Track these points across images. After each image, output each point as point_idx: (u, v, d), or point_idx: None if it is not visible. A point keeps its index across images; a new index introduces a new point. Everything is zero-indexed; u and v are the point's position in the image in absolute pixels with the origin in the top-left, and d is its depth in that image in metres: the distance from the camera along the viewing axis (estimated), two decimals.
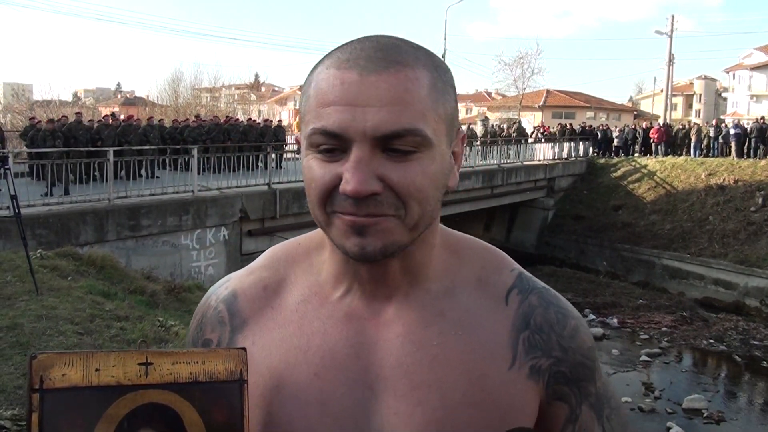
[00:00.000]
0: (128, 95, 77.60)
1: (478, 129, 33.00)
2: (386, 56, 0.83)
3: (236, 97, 58.00)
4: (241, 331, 0.98)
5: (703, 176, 24.10)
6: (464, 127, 33.34)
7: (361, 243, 0.83)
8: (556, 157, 27.55)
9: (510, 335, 0.94)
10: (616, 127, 33.28)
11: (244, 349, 0.87)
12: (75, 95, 65.04)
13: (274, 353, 0.94)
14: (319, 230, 0.98)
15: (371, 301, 0.94)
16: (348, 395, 0.90)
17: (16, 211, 7.72)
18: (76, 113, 19.65)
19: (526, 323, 0.96)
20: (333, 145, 0.82)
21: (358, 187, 0.80)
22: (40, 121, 17.75)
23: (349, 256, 0.86)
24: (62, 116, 18.83)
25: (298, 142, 0.92)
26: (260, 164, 17.05)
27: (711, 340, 16.07)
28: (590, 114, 53.47)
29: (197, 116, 23.80)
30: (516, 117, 46.74)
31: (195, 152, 14.24)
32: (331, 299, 0.96)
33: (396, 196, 0.82)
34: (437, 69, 0.87)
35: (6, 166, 7.81)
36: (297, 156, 16.65)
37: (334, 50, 0.88)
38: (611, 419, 1.02)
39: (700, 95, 71.16)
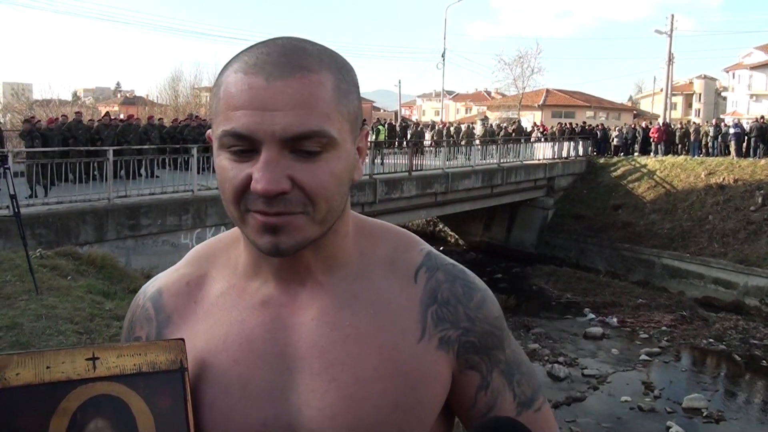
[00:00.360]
0: (128, 95, 77.62)
1: (478, 128, 33.01)
2: (291, 61, 0.87)
3: None
4: (167, 326, 1.04)
5: (702, 175, 24.10)
6: (464, 126, 33.35)
7: (274, 241, 0.89)
8: (555, 157, 27.53)
9: (419, 310, 1.00)
10: (615, 127, 33.25)
11: (182, 339, 0.95)
12: (75, 95, 65.05)
13: (198, 344, 0.99)
14: (237, 227, 1.04)
15: (286, 289, 0.99)
16: (266, 378, 0.96)
17: (16, 210, 7.71)
18: (76, 113, 19.66)
19: (434, 298, 1.01)
20: (243, 146, 0.86)
21: (268, 186, 0.84)
22: (39, 121, 17.74)
23: (263, 252, 0.91)
24: (62, 115, 18.84)
25: (209, 139, 0.96)
26: None
27: (711, 340, 16.08)
28: (590, 113, 53.50)
29: (190, 116, 23.79)
30: (516, 116, 46.76)
31: (195, 152, 14.22)
32: (248, 290, 1.01)
33: (304, 195, 0.87)
34: (340, 70, 0.92)
35: (5, 166, 7.81)
36: None
37: (241, 53, 0.91)
38: (521, 384, 1.06)
39: (700, 95, 71.19)
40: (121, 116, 21.61)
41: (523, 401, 1.06)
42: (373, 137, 24.22)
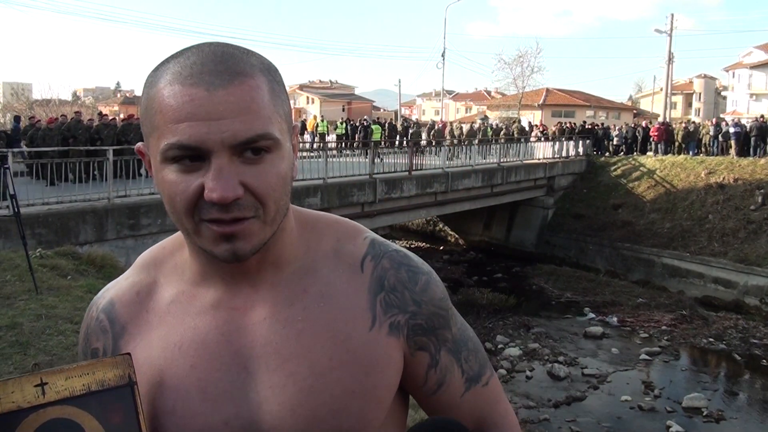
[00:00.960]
0: (128, 94, 77.70)
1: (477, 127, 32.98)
2: (228, 68, 0.88)
3: None
4: (122, 337, 1.04)
5: (702, 175, 24.09)
6: (467, 126, 33.34)
7: (232, 248, 0.90)
8: (555, 156, 27.53)
9: (368, 299, 1.03)
10: (615, 126, 33.25)
11: (129, 354, 0.94)
12: (75, 94, 65.12)
13: (154, 353, 1.00)
14: (180, 232, 1.05)
15: (236, 291, 1.01)
16: (224, 379, 0.97)
17: (16, 210, 7.72)
18: (76, 112, 19.67)
19: (381, 285, 1.04)
20: (191, 156, 0.87)
21: (224, 193, 0.85)
22: (39, 120, 17.76)
23: (220, 259, 0.92)
24: (61, 115, 18.85)
25: (140, 153, 0.98)
26: None
27: (711, 339, 16.08)
28: (590, 113, 53.50)
29: None
30: (516, 116, 46.76)
31: None
32: (198, 295, 1.02)
33: (255, 198, 0.89)
34: (270, 72, 0.93)
35: (5, 165, 7.81)
36: (300, 155, 16.49)
37: (167, 63, 0.91)
38: (469, 360, 1.12)
39: (700, 94, 71.24)
40: (121, 116, 21.59)
41: (471, 376, 1.12)
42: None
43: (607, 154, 29.93)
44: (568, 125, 32.17)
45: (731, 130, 26.35)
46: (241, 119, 0.86)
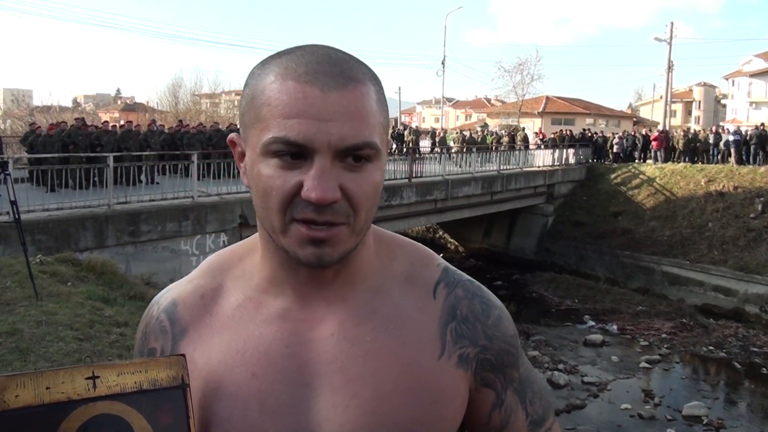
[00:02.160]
0: (128, 101, 77.71)
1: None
2: (342, 72, 0.88)
3: (236, 103, 57.91)
4: (183, 338, 1.02)
5: (702, 183, 24.11)
6: (467, 133, 33.37)
7: (318, 252, 0.89)
8: (555, 164, 27.55)
9: (438, 327, 1.01)
10: (614, 134, 33.27)
11: (183, 355, 0.92)
12: (75, 101, 65.17)
13: (214, 357, 0.98)
14: (253, 235, 1.06)
15: (305, 302, 0.99)
16: (285, 392, 0.95)
17: (16, 216, 7.72)
18: (76, 119, 19.69)
19: (453, 315, 1.02)
20: (293, 153, 0.86)
21: (324, 194, 0.84)
22: (40, 127, 17.78)
23: (303, 263, 0.91)
24: (62, 121, 18.86)
25: (231, 143, 0.98)
26: None
27: (711, 347, 16.06)
28: (590, 120, 53.52)
29: (180, 122, 23.88)
30: (515, 123, 46.79)
31: (195, 158, 14.24)
32: (265, 303, 1.00)
33: (349, 205, 0.88)
34: (376, 82, 0.93)
35: (6, 172, 7.82)
36: None
37: (278, 58, 0.91)
38: (534, 402, 1.09)
39: (700, 102, 71.31)
40: (121, 122, 21.63)
41: (535, 420, 1.09)
42: None
43: (607, 161, 29.94)
44: (567, 133, 32.18)
45: (731, 138, 26.37)
46: (350, 124, 0.86)
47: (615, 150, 30.04)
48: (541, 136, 33.07)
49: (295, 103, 0.85)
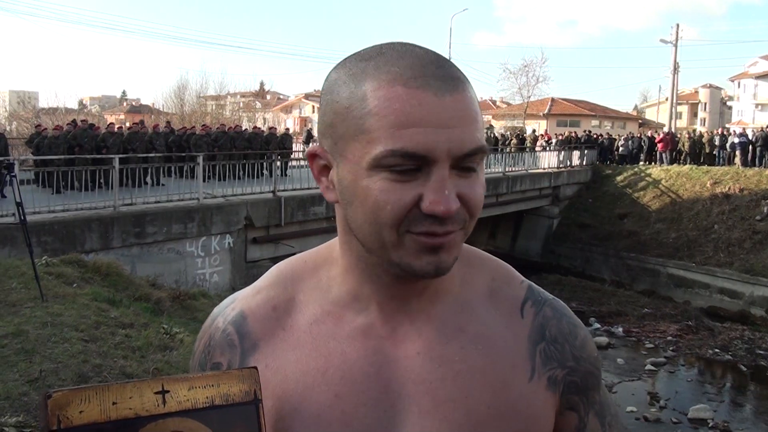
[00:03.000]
0: (134, 103, 77.90)
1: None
2: (448, 74, 0.83)
3: (241, 104, 58.11)
4: (253, 354, 0.95)
5: (708, 185, 24.06)
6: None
7: (436, 260, 0.84)
8: (560, 166, 27.52)
9: (527, 347, 0.96)
10: (620, 135, 33.24)
11: (256, 368, 0.86)
12: (81, 103, 65.32)
13: (290, 376, 0.92)
14: (325, 246, 1.01)
15: (389, 319, 0.93)
16: (370, 415, 0.89)
17: (22, 218, 7.74)
18: (82, 120, 19.74)
19: (542, 335, 0.98)
20: (410, 166, 0.81)
21: (448, 206, 0.80)
22: (45, 129, 17.83)
23: (417, 274, 0.85)
24: (67, 123, 18.89)
25: (313, 155, 0.91)
26: (265, 172, 17.08)
27: (716, 350, 16.01)
28: (595, 122, 53.52)
29: (184, 127, 23.93)
30: (521, 125, 46.78)
31: (200, 160, 14.26)
32: (346, 318, 0.95)
33: (466, 211, 0.84)
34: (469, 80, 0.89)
35: (12, 174, 7.84)
36: (305, 164, 16.49)
37: (370, 61, 0.85)
38: (612, 426, 1.05)
39: (705, 104, 71.19)
40: (127, 124, 21.69)
41: None
42: None
43: (612, 163, 29.90)
44: (573, 134, 32.17)
45: (737, 140, 26.32)
46: (466, 129, 0.81)
47: (620, 152, 30.00)
48: (546, 138, 33.04)
49: (410, 110, 0.79)
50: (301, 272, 1.01)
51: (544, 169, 26.83)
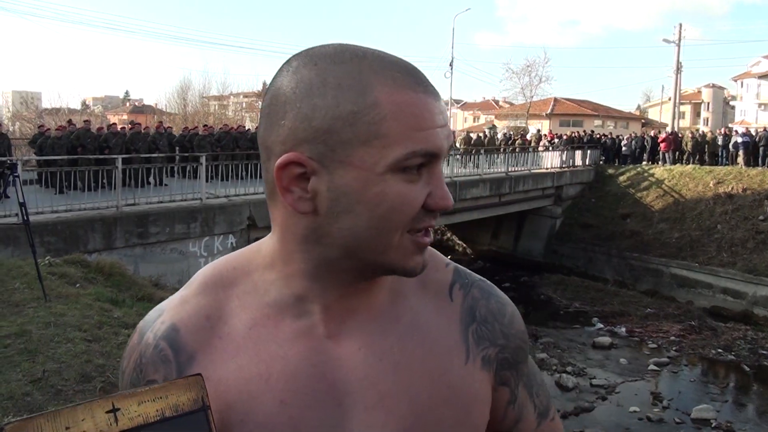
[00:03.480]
0: (137, 103, 77.97)
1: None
2: (427, 79, 0.87)
3: (244, 105, 58.15)
4: (190, 367, 0.92)
5: (711, 185, 24.02)
6: (474, 135, 33.35)
7: (423, 260, 0.88)
8: (563, 166, 27.51)
9: (460, 330, 0.98)
10: (623, 135, 33.21)
11: (200, 374, 0.84)
12: (84, 103, 65.38)
13: (232, 385, 0.89)
14: (248, 249, 0.98)
15: (332, 317, 0.92)
16: (318, 417, 0.89)
17: (25, 218, 7.75)
18: (85, 121, 19.76)
19: (473, 316, 1.00)
20: (419, 165, 0.84)
21: (451, 199, 0.86)
22: (49, 129, 17.85)
23: (408, 274, 0.89)
24: (70, 123, 18.90)
25: (294, 163, 0.85)
26: None
27: (719, 350, 15.99)
28: (598, 122, 53.45)
29: (186, 128, 23.95)
30: (524, 125, 46.76)
31: (203, 160, 14.27)
32: (285, 321, 0.92)
33: None
34: None
35: (15, 174, 7.85)
36: None
37: (366, 65, 0.84)
38: (539, 395, 1.09)
39: (708, 103, 71.13)
40: (129, 124, 21.71)
41: (542, 411, 1.09)
42: None
43: (615, 163, 29.88)
44: (575, 134, 32.15)
45: (740, 139, 26.29)
46: (448, 129, 0.87)
47: (623, 152, 29.98)
48: (549, 138, 33.02)
49: (425, 114, 0.83)
50: (232, 278, 0.97)
51: (546, 169, 26.81)
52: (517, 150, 27.42)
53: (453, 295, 1.01)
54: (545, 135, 35.08)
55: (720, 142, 27.45)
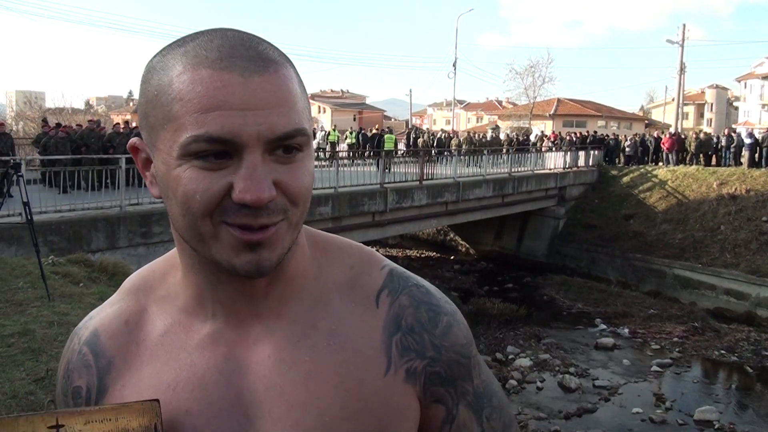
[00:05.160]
0: None
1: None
2: (260, 54, 0.78)
3: None
4: (109, 373, 0.91)
5: (714, 186, 24.00)
6: (476, 136, 33.35)
7: (256, 259, 0.79)
8: (567, 166, 27.49)
9: (383, 339, 0.91)
10: (626, 136, 33.19)
11: (157, 400, 0.83)
12: (87, 103, 65.50)
13: (144, 393, 0.87)
14: (173, 250, 0.95)
15: (238, 322, 0.89)
16: (223, 427, 0.85)
17: (29, 217, 7.76)
18: (89, 121, 19.78)
19: (398, 325, 0.92)
20: (218, 152, 0.76)
21: (259, 194, 0.75)
22: (52, 129, 17.87)
23: (239, 273, 0.80)
24: (77, 124, 18.94)
25: (134, 149, 0.86)
26: None
27: (722, 351, 15.98)
28: (601, 123, 53.45)
29: None
30: (527, 126, 46.75)
31: None
32: (195, 326, 0.90)
33: (286, 199, 0.79)
34: (292, 63, 0.83)
35: (19, 173, 7.86)
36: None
37: (181, 46, 0.80)
38: (492, 418, 0.98)
39: (712, 104, 71.07)
40: (134, 124, 21.73)
41: None
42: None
43: (618, 164, 29.86)
44: (578, 135, 32.13)
45: (743, 140, 26.25)
46: (278, 111, 0.76)
47: (627, 152, 29.97)
48: (552, 138, 33.00)
49: (214, 93, 0.74)
50: (152, 280, 0.96)
51: (550, 169, 26.81)
52: (516, 147, 27.36)
53: (379, 301, 0.93)
54: (548, 136, 35.06)
55: (723, 143, 27.43)
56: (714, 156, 27.86)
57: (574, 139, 31.26)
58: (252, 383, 0.87)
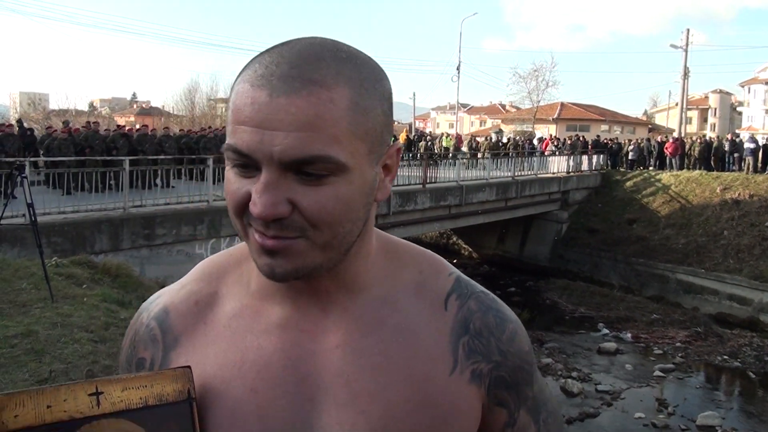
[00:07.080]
0: (144, 105, 78.17)
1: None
2: (301, 74, 0.78)
3: None
4: (174, 349, 0.95)
5: (718, 190, 23.97)
6: (482, 139, 33.34)
7: (271, 264, 0.83)
8: (570, 170, 27.48)
9: (450, 340, 0.94)
10: (629, 141, 33.17)
11: (189, 367, 0.87)
12: (91, 105, 65.56)
13: (208, 370, 0.91)
14: None
15: (306, 312, 0.92)
16: (287, 408, 0.88)
17: (32, 218, 7.78)
18: (94, 122, 19.83)
19: (466, 328, 0.96)
20: (245, 162, 0.80)
21: (265, 210, 0.78)
22: (56, 130, 17.91)
23: (263, 273, 0.85)
24: (83, 126, 18.97)
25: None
26: None
27: (725, 356, 15.94)
28: (605, 127, 53.39)
29: (204, 128, 23.97)
30: (530, 129, 46.77)
31: (210, 162, 14.30)
32: (264, 312, 0.94)
33: (304, 219, 0.80)
34: (363, 84, 0.82)
35: (22, 175, 7.89)
36: None
37: (259, 56, 0.84)
38: (548, 422, 1.04)
39: (715, 109, 71.09)
40: (137, 126, 21.78)
41: None
42: None
43: (622, 168, 29.84)
44: (581, 138, 32.12)
45: (747, 145, 26.23)
46: (297, 135, 0.77)
47: (630, 157, 29.95)
48: (555, 143, 32.99)
49: (243, 108, 0.79)
50: (226, 266, 1.01)
51: (553, 173, 26.78)
52: (520, 151, 27.35)
53: (448, 304, 0.97)
54: (547, 140, 35.00)
55: (727, 148, 27.40)
56: (714, 159, 27.81)
57: (576, 142, 31.19)
58: (319, 369, 0.90)
